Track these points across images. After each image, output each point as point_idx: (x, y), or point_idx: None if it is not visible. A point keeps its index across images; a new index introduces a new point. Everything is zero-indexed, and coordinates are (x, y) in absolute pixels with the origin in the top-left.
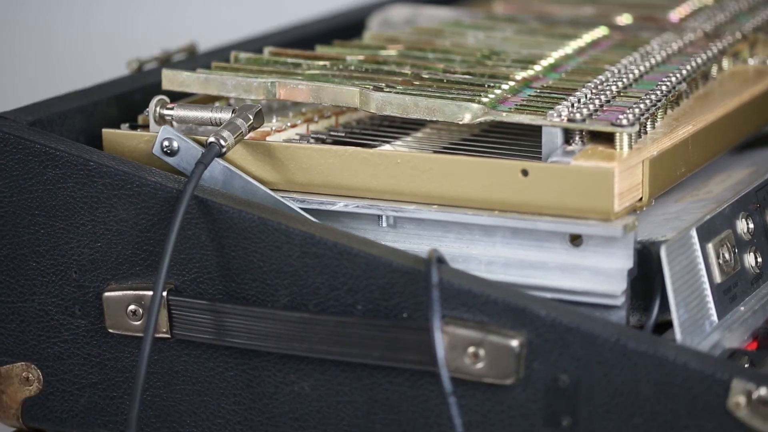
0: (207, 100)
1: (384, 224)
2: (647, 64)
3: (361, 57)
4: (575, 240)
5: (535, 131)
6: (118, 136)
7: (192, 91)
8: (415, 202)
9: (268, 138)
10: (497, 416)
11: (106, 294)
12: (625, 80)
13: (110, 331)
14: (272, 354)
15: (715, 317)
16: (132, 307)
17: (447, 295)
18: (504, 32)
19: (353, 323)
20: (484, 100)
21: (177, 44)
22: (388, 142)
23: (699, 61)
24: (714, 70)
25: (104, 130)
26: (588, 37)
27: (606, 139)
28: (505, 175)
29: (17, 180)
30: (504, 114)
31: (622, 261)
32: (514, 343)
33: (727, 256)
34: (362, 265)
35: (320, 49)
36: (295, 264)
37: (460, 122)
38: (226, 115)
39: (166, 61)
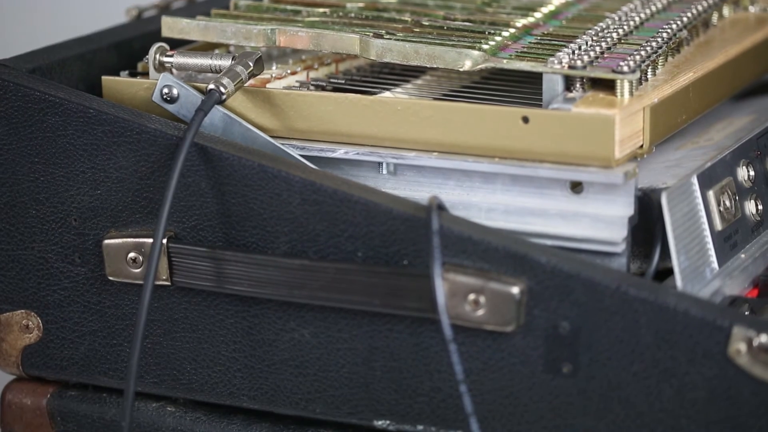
0: (207, 48)
1: (384, 171)
2: (648, 11)
3: (361, 4)
4: (576, 187)
5: (536, 79)
6: (117, 83)
7: (191, 39)
8: (416, 149)
9: (268, 85)
10: (497, 363)
11: (106, 241)
12: (625, 27)
13: (110, 278)
14: (272, 301)
15: (715, 264)
16: (132, 254)
17: (447, 242)
18: None
19: (353, 270)
20: (485, 47)
21: None
22: (388, 90)
23: (700, 8)
24: (715, 17)
25: (104, 78)
26: None
27: (607, 86)
28: (505, 122)
29: (17, 127)
30: (504, 61)
31: (623, 208)
32: (515, 290)
33: (727, 203)
34: (362, 212)
35: None
36: (296, 211)
37: (461, 69)
38: (225, 63)
39: (166, 8)
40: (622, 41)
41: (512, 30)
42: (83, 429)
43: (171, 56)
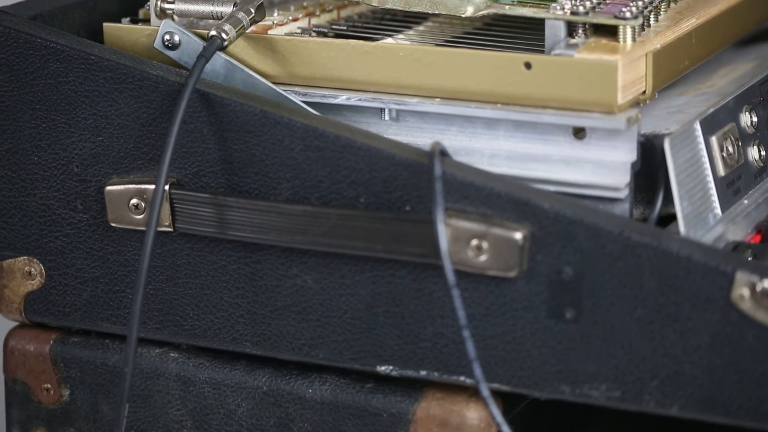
0: None
1: (387, 117)
2: None
3: None
4: (579, 133)
5: (538, 25)
6: (119, 30)
7: None
8: (418, 95)
9: (269, 32)
10: (500, 309)
11: (108, 188)
12: None
13: (112, 225)
14: (275, 247)
15: (718, 210)
16: (134, 201)
17: (450, 187)
18: None
19: (356, 216)
20: None
21: None
22: (390, 36)
23: None
24: None
25: (105, 24)
26: None
27: (609, 32)
28: (508, 67)
29: (18, 74)
30: (507, 7)
31: (626, 154)
32: (518, 235)
33: (730, 149)
34: (365, 158)
35: None
36: (298, 157)
37: (463, 16)
38: (227, 9)
39: None
40: None
41: None
42: (86, 375)
43: (172, 3)
